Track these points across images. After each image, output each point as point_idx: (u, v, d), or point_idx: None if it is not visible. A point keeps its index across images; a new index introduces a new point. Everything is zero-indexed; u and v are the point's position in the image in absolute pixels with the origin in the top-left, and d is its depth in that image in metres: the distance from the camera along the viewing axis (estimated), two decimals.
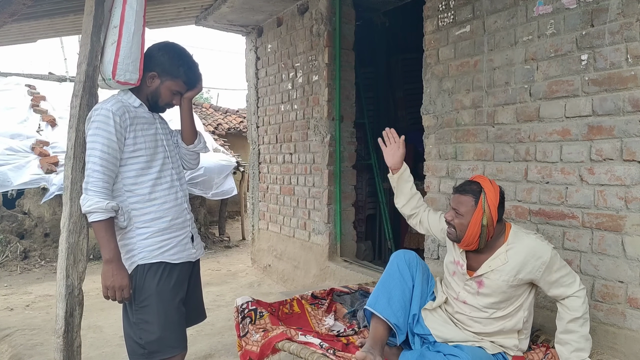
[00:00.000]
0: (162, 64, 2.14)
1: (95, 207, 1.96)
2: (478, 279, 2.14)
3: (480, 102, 2.97)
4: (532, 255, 2.06)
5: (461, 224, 2.12)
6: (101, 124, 1.99)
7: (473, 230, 2.09)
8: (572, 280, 2.06)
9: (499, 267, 2.10)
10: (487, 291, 2.12)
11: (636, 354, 2.23)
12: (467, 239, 2.11)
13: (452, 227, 2.16)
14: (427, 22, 3.37)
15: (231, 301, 4.77)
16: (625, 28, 2.26)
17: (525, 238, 2.12)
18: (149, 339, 2.03)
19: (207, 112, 13.11)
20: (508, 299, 2.12)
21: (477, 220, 2.08)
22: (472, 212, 2.09)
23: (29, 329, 4.13)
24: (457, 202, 2.16)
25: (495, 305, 2.12)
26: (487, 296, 2.13)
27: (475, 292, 2.16)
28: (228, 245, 8.65)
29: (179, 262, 2.14)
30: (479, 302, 2.15)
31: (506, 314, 2.13)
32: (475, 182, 2.16)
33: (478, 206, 2.08)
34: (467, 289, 2.19)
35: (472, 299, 2.16)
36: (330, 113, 4.50)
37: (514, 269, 2.07)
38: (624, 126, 2.28)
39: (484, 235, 2.09)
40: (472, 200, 2.11)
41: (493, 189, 2.12)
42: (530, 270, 2.06)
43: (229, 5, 4.96)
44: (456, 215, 2.14)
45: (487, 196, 2.09)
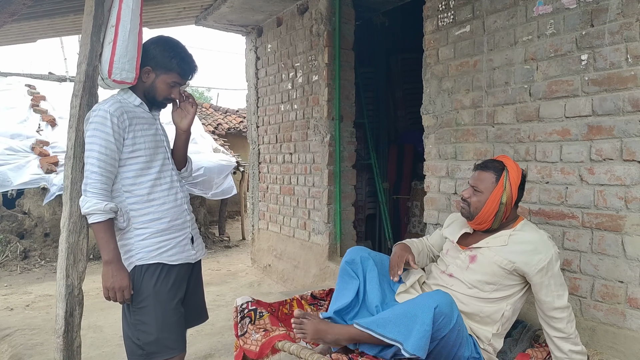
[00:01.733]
0: (154, 58, 2.13)
1: (94, 209, 1.96)
2: (472, 253, 2.12)
3: (480, 102, 2.98)
4: (533, 248, 2.02)
5: (478, 201, 2.08)
6: (99, 125, 1.98)
7: (490, 207, 2.05)
8: (562, 293, 2.02)
9: (496, 246, 2.07)
10: (477, 267, 2.09)
11: (636, 354, 2.23)
12: (482, 216, 2.08)
13: (467, 204, 2.12)
14: (426, 22, 3.37)
15: (231, 301, 4.77)
16: (625, 28, 2.26)
17: (533, 231, 2.09)
18: (147, 340, 2.03)
19: (207, 112, 13.10)
20: (495, 283, 2.07)
21: (497, 197, 2.04)
22: (492, 188, 2.05)
23: (29, 329, 4.12)
24: (477, 179, 2.12)
25: (480, 285, 2.08)
26: (475, 272, 2.09)
27: (465, 267, 2.13)
28: (228, 245, 8.65)
29: (178, 264, 2.14)
30: (465, 277, 2.11)
31: (488, 297, 2.08)
32: (498, 160, 2.14)
33: (499, 183, 2.05)
34: (458, 262, 2.16)
35: (460, 272, 2.14)
36: (330, 113, 4.50)
37: (510, 253, 2.04)
38: (623, 126, 2.28)
39: (500, 214, 2.06)
40: (493, 176, 2.07)
41: (516, 168, 2.09)
42: (526, 262, 2.01)
43: (228, 5, 4.97)
44: (474, 193, 2.11)
45: (510, 174, 2.06)
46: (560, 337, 2.01)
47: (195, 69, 2.23)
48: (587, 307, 2.43)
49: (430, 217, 3.37)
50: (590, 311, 2.42)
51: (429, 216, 3.39)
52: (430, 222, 3.38)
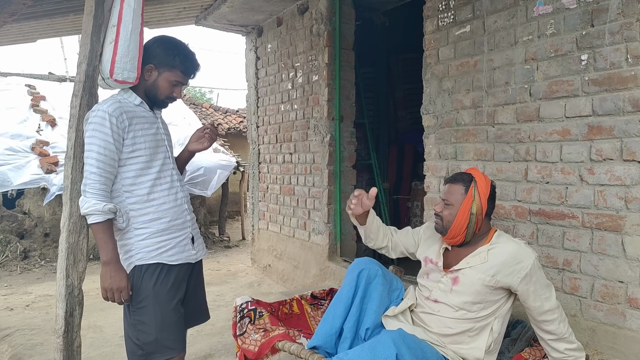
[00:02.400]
0: (158, 56, 2.13)
1: (93, 210, 1.95)
2: (454, 275, 2.08)
3: (480, 102, 2.97)
4: (513, 259, 1.99)
5: (450, 214, 2.07)
6: (97, 125, 1.98)
7: (461, 220, 2.04)
8: (549, 295, 2.00)
9: (477, 265, 2.04)
10: (461, 288, 2.05)
11: (636, 354, 2.23)
12: (454, 229, 2.06)
13: (440, 217, 2.11)
14: (427, 22, 3.37)
15: (231, 301, 4.77)
16: (625, 28, 2.26)
17: (509, 241, 2.07)
18: (146, 340, 2.03)
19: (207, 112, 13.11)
20: (481, 302, 2.03)
21: (466, 208, 2.04)
22: (462, 200, 2.05)
23: (29, 329, 4.12)
24: (447, 192, 2.11)
25: (467, 306, 2.04)
26: (460, 294, 2.05)
27: (448, 290, 2.08)
28: (228, 245, 8.65)
29: (177, 264, 2.14)
30: (450, 300, 2.07)
31: (477, 317, 2.04)
32: (467, 172, 2.14)
33: (468, 194, 2.05)
34: (441, 286, 2.11)
35: (444, 296, 2.09)
36: (330, 113, 4.50)
37: (492, 268, 2.01)
38: (624, 126, 2.28)
39: (471, 225, 2.04)
40: (462, 188, 2.07)
41: (484, 180, 2.09)
42: (509, 274, 1.98)
43: (228, 5, 4.97)
44: (445, 206, 2.10)
45: (478, 184, 2.06)
46: (555, 339, 2.00)
47: (197, 68, 2.23)
48: (587, 307, 2.43)
49: (431, 218, 3.36)
50: (591, 311, 2.42)
51: (429, 217, 3.39)
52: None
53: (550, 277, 2.59)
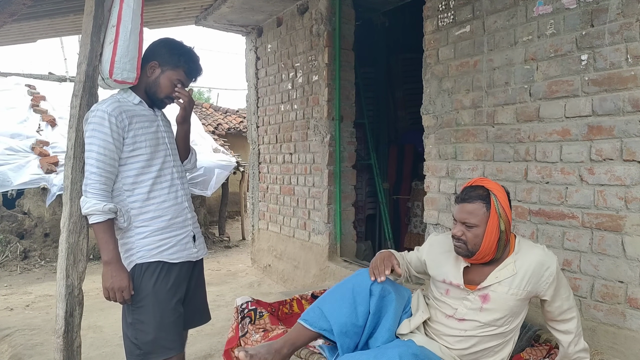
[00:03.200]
0: (162, 55, 2.15)
1: (93, 210, 1.96)
2: (483, 293, 1.92)
3: (480, 102, 2.97)
4: (541, 266, 1.88)
5: (475, 236, 1.88)
6: (97, 125, 1.99)
7: (490, 239, 1.87)
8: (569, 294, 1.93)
9: (507, 278, 1.90)
10: (493, 306, 1.90)
11: (636, 354, 2.23)
12: (484, 250, 1.88)
13: (462, 242, 1.91)
14: (427, 22, 3.37)
15: (231, 301, 4.77)
16: (625, 28, 2.26)
17: (533, 247, 1.95)
18: (144, 340, 2.03)
19: (207, 112, 13.10)
20: (512, 315, 1.92)
21: (494, 227, 1.86)
22: (487, 219, 1.87)
23: (29, 329, 4.12)
24: (464, 212, 1.90)
25: (497, 322, 1.91)
26: (492, 312, 1.91)
27: (478, 308, 1.92)
28: (228, 245, 8.65)
29: (178, 262, 2.14)
30: (481, 318, 1.92)
31: (505, 331, 1.94)
32: (478, 186, 1.93)
33: (492, 211, 1.87)
34: (468, 304, 1.95)
35: (474, 314, 1.93)
36: (330, 113, 4.50)
37: (522, 280, 1.89)
38: (623, 126, 2.28)
39: (502, 241, 1.89)
40: (482, 206, 1.88)
41: (501, 190, 1.93)
42: (537, 282, 1.88)
43: (228, 5, 4.97)
44: (467, 229, 1.89)
45: (498, 197, 1.88)
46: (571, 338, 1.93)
47: (200, 71, 2.26)
48: (587, 307, 2.43)
49: (431, 218, 3.37)
50: (591, 311, 2.42)
51: (429, 216, 3.39)
52: (431, 223, 3.38)
53: None
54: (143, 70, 2.15)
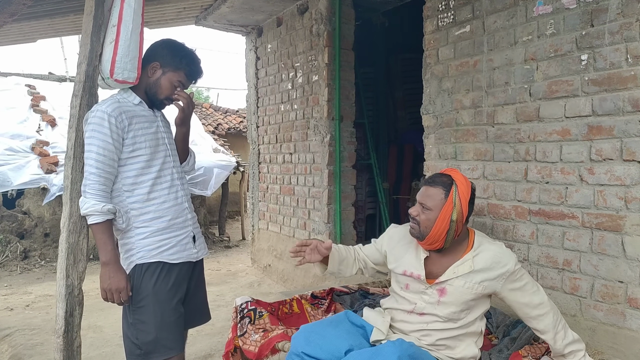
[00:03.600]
0: (164, 56, 2.15)
1: (92, 210, 1.96)
2: (440, 286, 1.97)
3: (480, 102, 2.98)
4: (498, 263, 1.93)
5: (428, 219, 1.93)
6: (97, 126, 1.99)
7: (441, 226, 1.91)
8: (536, 289, 1.96)
9: (465, 273, 1.94)
10: (449, 299, 1.95)
11: (636, 354, 2.23)
12: (433, 236, 1.93)
13: (416, 222, 1.97)
14: (426, 22, 3.37)
15: (231, 301, 4.77)
16: (625, 28, 2.26)
17: (492, 245, 2.00)
18: (145, 340, 2.03)
19: (207, 112, 13.11)
20: (469, 308, 1.97)
21: (447, 215, 1.90)
22: (442, 205, 1.91)
23: (29, 329, 4.12)
24: (425, 195, 1.96)
25: (455, 315, 1.96)
26: (448, 305, 1.95)
27: (435, 302, 1.97)
28: (228, 245, 8.65)
29: (178, 262, 2.14)
30: (438, 312, 1.97)
31: (465, 323, 1.98)
32: (446, 174, 2.00)
33: (448, 199, 1.91)
34: (426, 298, 1.99)
35: (432, 308, 1.97)
36: (330, 113, 4.50)
37: (479, 276, 1.93)
38: (623, 126, 2.28)
39: (451, 232, 1.92)
40: (442, 192, 1.93)
41: (465, 183, 1.97)
42: (494, 279, 1.93)
43: (228, 5, 4.97)
44: (423, 210, 1.95)
45: (459, 189, 1.93)
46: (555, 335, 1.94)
47: (201, 73, 2.27)
48: (587, 307, 2.43)
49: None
50: (590, 311, 2.42)
51: None
52: None
53: (550, 277, 2.59)
54: (144, 71, 2.15)
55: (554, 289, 2.58)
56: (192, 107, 2.27)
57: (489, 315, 2.61)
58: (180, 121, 2.29)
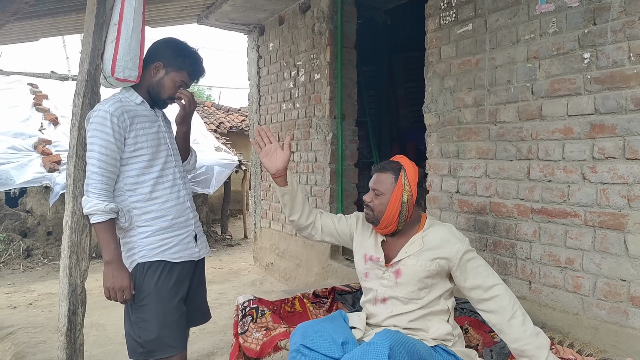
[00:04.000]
0: (167, 56, 2.15)
1: (95, 209, 1.96)
2: (395, 268, 2.05)
3: (482, 101, 2.97)
4: (447, 241, 2.01)
5: (380, 203, 2.03)
6: (99, 125, 1.99)
7: (393, 208, 2.01)
8: (490, 272, 1.98)
9: (416, 252, 2.02)
10: (405, 279, 2.02)
11: (639, 352, 2.22)
12: (387, 219, 2.03)
13: (371, 208, 2.06)
14: (428, 21, 3.37)
15: (233, 299, 4.77)
16: (628, 26, 2.25)
17: (441, 226, 2.09)
18: (148, 338, 2.03)
19: (209, 111, 13.11)
20: (426, 287, 2.02)
21: (398, 197, 2.00)
22: (392, 189, 2.02)
23: (32, 327, 4.14)
24: (376, 181, 2.07)
25: (414, 295, 2.02)
26: (405, 285, 2.02)
27: (393, 284, 2.05)
28: (230, 243, 8.66)
29: (180, 261, 2.14)
30: (398, 294, 2.04)
31: (427, 303, 2.02)
32: (394, 160, 2.11)
33: (398, 182, 2.02)
34: (385, 282, 2.07)
35: (392, 291, 2.05)
36: (332, 111, 4.50)
37: (429, 253, 2.01)
38: (626, 124, 2.27)
39: (403, 213, 2.02)
40: (392, 177, 2.04)
41: (413, 167, 2.08)
42: (447, 257, 1.99)
43: (230, 4, 4.97)
44: (375, 196, 2.05)
45: (407, 172, 2.04)
46: (510, 317, 1.89)
47: (203, 72, 2.27)
48: (590, 305, 2.43)
49: (432, 216, 3.37)
50: (593, 309, 2.42)
51: (430, 215, 3.39)
52: None
53: (552, 275, 2.59)
54: (146, 70, 2.15)
55: (556, 287, 2.58)
56: (194, 105, 2.29)
57: None
58: (181, 119, 2.29)
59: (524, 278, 2.74)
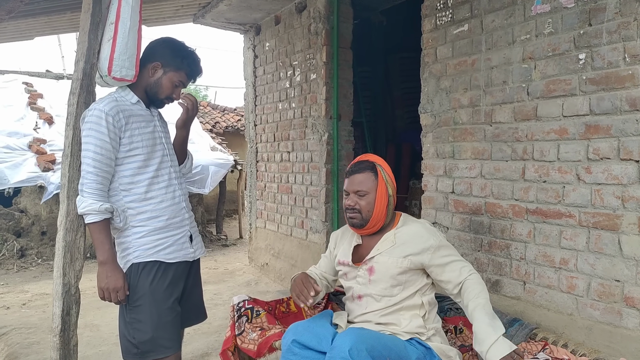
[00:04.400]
0: (165, 56, 2.14)
1: (89, 209, 1.95)
2: (368, 266, 2.07)
3: (478, 101, 2.98)
4: (420, 237, 2.03)
5: (368, 203, 2.04)
6: (94, 124, 1.98)
7: (381, 203, 2.04)
8: (465, 264, 2.01)
9: (387, 249, 2.05)
10: (378, 277, 2.05)
11: (632, 352, 2.23)
12: (377, 216, 2.05)
13: (356, 211, 2.06)
14: (425, 21, 3.37)
15: (228, 300, 4.77)
16: (623, 27, 2.26)
17: (415, 222, 2.12)
18: (142, 339, 2.03)
19: (205, 110, 13.09)
20: (399, 283, 2.03)
21: (383, 191, 2.04)
22: (376, 186, 2.04)
23: (26, 328, 4.12)
24: (356, 183, 2.06)
25: (387, 292, 2.04)
26: (378, 282, 2.05)
27: (367, 281, 2.07)
28: (225, 243, 8.64)
29: (175, 262, 2.13)
30: (372, 291, 2.06)
31: (401, 300, 2.04)
32: (364, 160, 2.13)
33: (379, 178, 2.05)
34: (360, 280, 2.10)
35: (366, 289, 2.07)
36: (328, 111, 4.49)
37: (402, 249, 2.03)
38: (621, 125, 2.28)
39: (390, 206, 2.07)
40: (371, 174, 2.06)
41: (384, 162, 2.13)
42: (419, 252, 2.01)
43: (226, 4, 4.96)
44: (360, 197, 2.05)
45: (383, 167, 2.09)
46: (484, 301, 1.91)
47: (201, 72, 2.27)
48: (584, 306, 2.44)
49: (428, 216, 3.37)
50: (587, 310, 2.43)
51: (426, 215, 3.39)
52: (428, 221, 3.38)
53: (547, 275, 2.60)
54: (144, 70, 2.14)
55: (550, 287, 2.58)
56: (196, 110, 2.32)
57: None
58: (183, 123, 2.30)
59: (519, 278, 2.75)
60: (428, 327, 2.06)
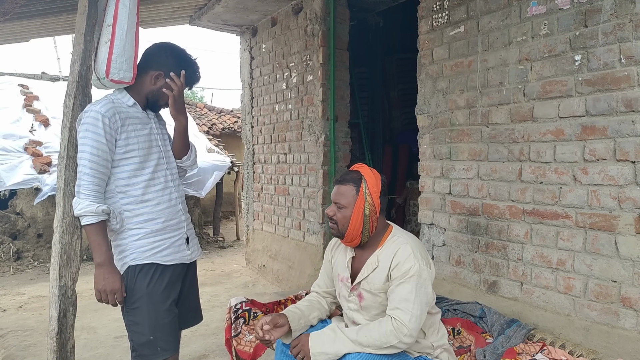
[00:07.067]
0: (169, 66, 2.13)
1: (86, 211, 1.95)
2: (357, 292, 1.98)
3: (474, 102, 2.98)
4: (397, 263, 1.87)
5: (344, 217, 1.94)
6: (90, 126, 1.97)
7: (356, 222, 1.92)
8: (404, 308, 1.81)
9: (371, 274, 1.93)
10: (368, 303, 1.95)
11: (630, 353, 2.24)
12: (351, 233, 1.93)
13: (334, 222, 1.97)
14: (421, 22, 3.38)
15: (225, 301, 4.76)
16: (619, 29, 2.27)
17: (399, 246, 1.92)
18: (140, 341, 2.02)
19: (202, 112, 13.08)
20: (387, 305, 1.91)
21: (360, 210, 1.91)
22: (354, 201, 1.92)
23: (22, 330, 4.10)
24: (338, 194, 1.97)
25: (380, 315, 1.92)
26: (369, 309, 1.95)
27: (358, 307, 1.98)
28: (222, 245, 8.63)
29: (172, 264, 2.13)
30: (365, 317, 1.96)
31: None
32: (354, 170, 2.01)
33: (359, 194, 1.92)
34: (352, 306, 2.00)
35: (359, 315, 1.98)
36: (325, 113, 4.49)
37: (384, 273, 1.90)
38: (617, 126, 2.29)
39: (367, 226, 1.93)
40: (353, 189, 1.94)
41: (374, 176, 1.98)
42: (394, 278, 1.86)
43: (223, 5, 4.96)
44: (338, 209, 1.96)
45: (368, 183, 1.94)
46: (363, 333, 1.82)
47: (199, 80, 2.29)
48: (581, 306, 2.44)
49: (425, 218, 3.37)
50: (584, 310, 2.43)
51: (423, 216, 3.39)
52: (425, 223, 3.38)
53: (544, 276, 2.60)
54: (145, 76, 2.12)
55: (548, 288, 2.59)
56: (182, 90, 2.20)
57: (483, 315, 2.62)
58: (175, 110, 2.20)
59: (516, 279, 2.75)
60: (435, 345, 1.98)
